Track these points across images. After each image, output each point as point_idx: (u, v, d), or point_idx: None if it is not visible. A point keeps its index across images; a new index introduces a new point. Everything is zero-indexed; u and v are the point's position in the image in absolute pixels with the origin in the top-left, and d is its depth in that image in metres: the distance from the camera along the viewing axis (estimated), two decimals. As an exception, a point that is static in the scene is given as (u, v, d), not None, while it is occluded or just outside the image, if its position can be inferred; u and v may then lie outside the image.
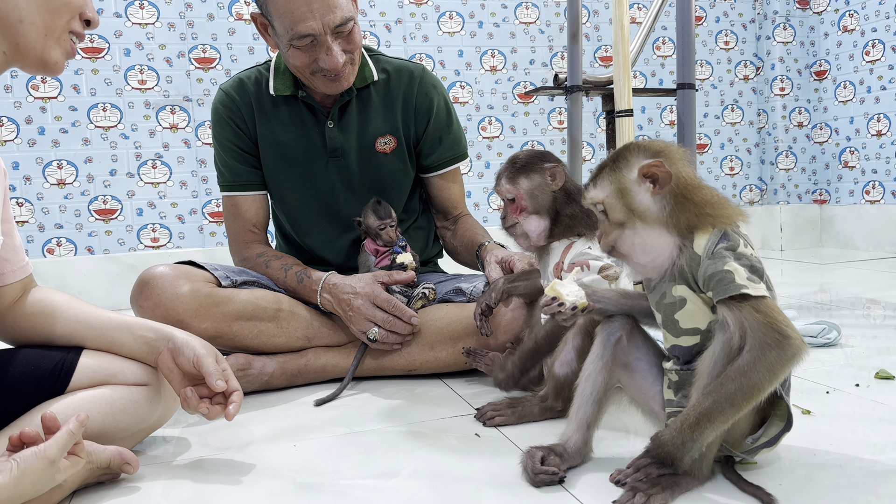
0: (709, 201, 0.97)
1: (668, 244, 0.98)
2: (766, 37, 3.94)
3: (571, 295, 1.06)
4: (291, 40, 1.51)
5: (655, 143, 1.01)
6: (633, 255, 1.00)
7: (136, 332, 1.17)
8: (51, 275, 3.02)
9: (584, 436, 1.06)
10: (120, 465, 1.07)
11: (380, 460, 1.15)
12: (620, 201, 0.99)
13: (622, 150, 1.01)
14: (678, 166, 0.97)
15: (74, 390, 1.12)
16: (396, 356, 1.61)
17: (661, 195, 0.97)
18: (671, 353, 1.03)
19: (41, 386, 1.10)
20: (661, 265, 0.99)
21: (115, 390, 1.14)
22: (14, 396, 1.08)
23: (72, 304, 1.20)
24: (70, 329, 1.17)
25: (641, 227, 0.98)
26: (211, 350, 1.17)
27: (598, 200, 1.01)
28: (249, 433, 1.32)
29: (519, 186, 1.34)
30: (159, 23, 3.14)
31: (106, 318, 1.19)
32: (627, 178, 0.98)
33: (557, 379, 1.24)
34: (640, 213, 0.98)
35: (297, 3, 1.45)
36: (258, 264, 1.71)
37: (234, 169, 1.73)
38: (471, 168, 3.56)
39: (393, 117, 1.72)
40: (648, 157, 0.98)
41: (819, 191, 3.96)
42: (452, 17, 3.51)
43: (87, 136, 3.08)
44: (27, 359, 1.12)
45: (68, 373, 1.12)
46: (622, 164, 0.99)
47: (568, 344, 1.23)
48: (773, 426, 1.00)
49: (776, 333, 0.90)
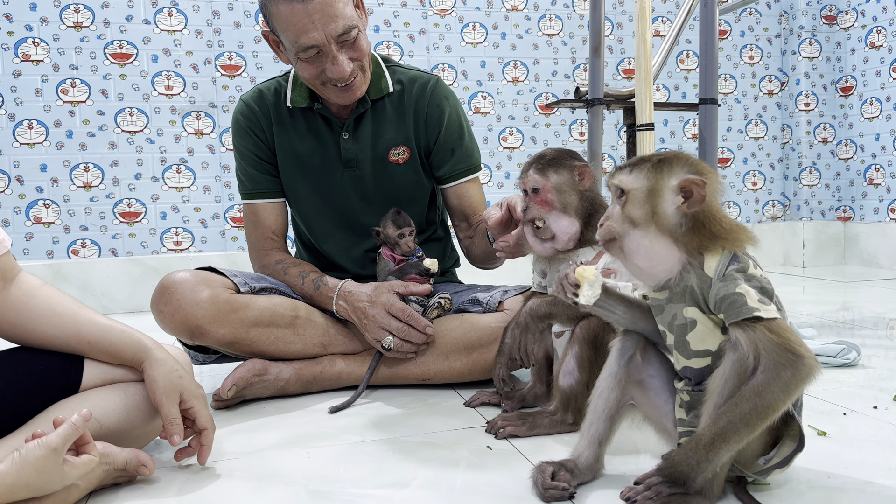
0: (724, 228, 0.97)
1: (671, 257, 0.98)
2: (791, 52, 3.91)
3: (588, 295, 1.02)
4: (297, 53, 1.52)
5: (702, 163, 1.00)
6: (634, 255, 0.99)
7: (117, 355, 1.15)
8: (74, 275, 3.07)
9: (596, 452, 1.06)
10: (136, 467, 1.09)
11: (391, 470, 1.16)
12: (647, 200, 0.98)
13: (670, 156, 1.00)
14: (712, 194, 0.98)
15: (86, 389, 1.13)
16: (411, 365, 1.62)
17: (685, 213, 0.97)
18: (682, 375, 1.03)
19: (53, 385, 1.11)
20: (658, 275, 0.99)
21: (126, 388, 1.15)
22: (27, 396, 1.09)
23: (64, 310, 1.14)
24: (63, 337, 1.13)
25: (653, 233, 0.98)
26: (175, 386, 1.12)
27: (626, 187, 0.99)
28: (264, 439, 1.34)
29: (548, 178, 1.28)
30: (187, 30, 3.19)
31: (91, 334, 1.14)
32: (665, 183, 0.98)
33: (563, 391, 1.24)
34: (658, 220, 0.97)
35: (299, 15, 1.47)
36: (276, 271, 1.73)
37: (254, 177, 1.76)
38: (491, 178, 3.57)
39: (406, 128, 1.73)
40: (692, 173, 0.98)
41: (843, 207, 3.92)
42: (476, 28, 3.52)
43: (114, 139, 3.13)
44: (35, 359, 1.12)
45: (79, 371, 1.13)
46: (666, 168, 0.98)
47: (568, 354, 1.23)
48: (785, 446, 1.00)
49: (790, 353, 0.90)
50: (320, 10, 1.47)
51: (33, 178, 3.05)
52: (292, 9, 1.47)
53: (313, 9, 1.46)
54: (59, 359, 1.13)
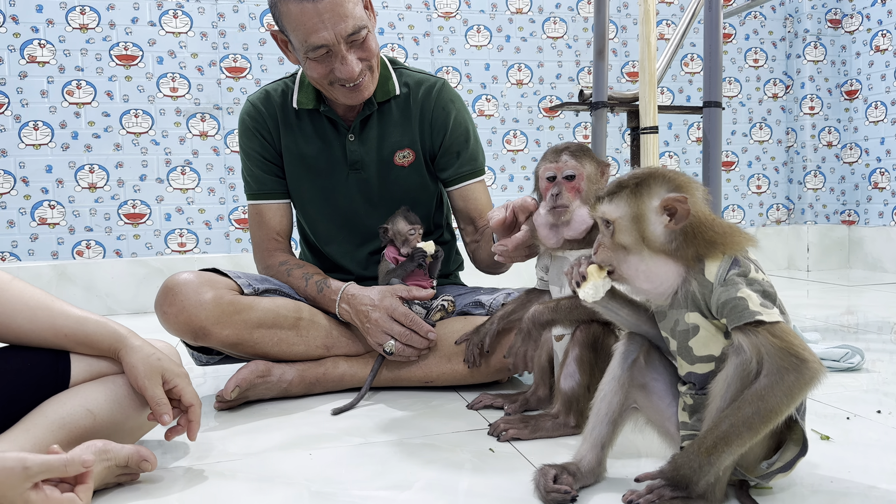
0: (718, 234, 0.97)
1: (672, 273, 0.98)
2: (796, 55, 3.90)
3: (590, 291, 1.02)
4: (306, 52, 1.53)
5: (680, 175, 1.00)
6: (635, 280, 1.00)
7: (94, 345, 1.14)
8: (79, 276, 3.08)
9: (598, 455, 1.06)
10: (138, 463, 1.08)
11: (394, 472, 1.16)
12: (633, 226, 0.98)
13: (647, 177, 1.00)
14: (697, 204, 0.98)
15: (76, 384, 1.13)
16: (414, 368, 1.62)
17: (674, 230, 0.97)
18: (686, 379, 1.03)
19: (43, 382, 1.11)
20: (664, 292, 0.99)
21: (114, 380, 1.15)
22: (18, 393, 1.08)
23: (37, 303, 1.12)
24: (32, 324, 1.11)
25: (647, 255, 0.98)
26: (155, 368, 1.12)
27: (610, 217, 1.00)
28: (267, 440, 1.34)
29: (583, 166, 1.28)
30: (192, 32, 3.20)
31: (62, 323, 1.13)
32: (647, 206, 0.98)
33: (564, 393, 1.24)
34: (648, 242, 0.98)
35: (309, 14, 1.47)
36: (280, 272, 1.73)
37: (259, 178, 1.76)
38: (494, 181, 3.57)
39: (411, 131, 1.73)
40: (672, 190, 0.98)
41: (847, 211, 3.91)
42: (480, 31, 3.53)
43: (119, 141, 3.14)
44: (22, 356, 1.11)
45: (66, 366, 1.13)
46: (644, 191, 0.99)
47: (569, 356, 1.23)
48: (788, 451, 1.00)
49: (793, 357, 0.90)
50: (330, 10, 1.47)
51: (39, 179, 3.07)
52: (302, 8, 1.47)
53: (323, 8, 1.47)
54: (45, 355, 1.13)
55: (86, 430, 1.07)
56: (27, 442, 1.00)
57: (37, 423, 1.02)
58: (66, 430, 1.05)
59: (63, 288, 3.03)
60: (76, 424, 1.07)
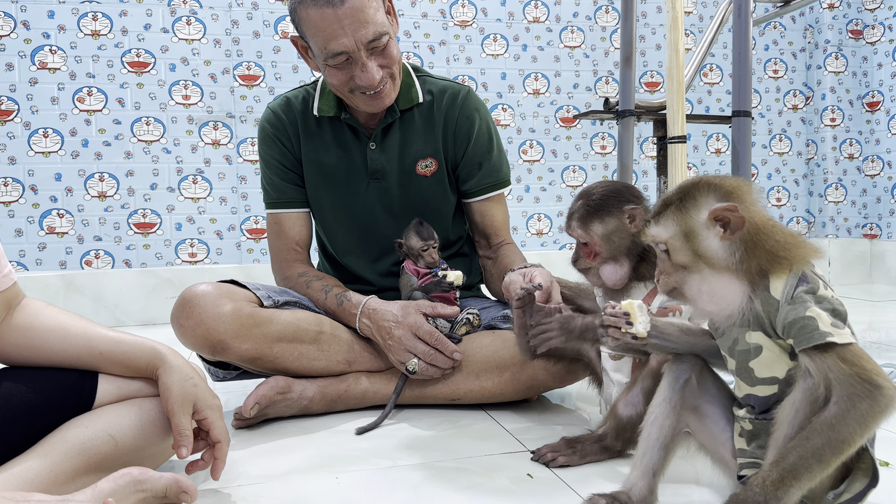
0: (781, 243, 0.90)
1: (737, 292, 0.91)
2: (816, 66, 3.84)
3: (642, 324, 0.99)
4: (326, 59, 1.48)
5: (727, 180, 0.94)
6: (698, 301, 0.94)
7: (131, 364, 1.10)
8: (87, 287, 3.02)
9: (650, 483, 0.99)
10: (177, 495, 0.99)
11: (427, 499, 1.09)
12: (686, 244, 0.92)
13: (691, 188, 0.94)
14: (751, 209, 0.91)
15: (101, 405, 1.07)
16: (440, 384, 1.55)
17: (731, 241, 0.90)
18: (745, 402, 0.96)
19: (67, 401, 1.06)
20: (730, 314, 0.93)
21: (141, 403, 1.10)
22: (39, 413, 1.03)
23: (72, 323, 1.10)
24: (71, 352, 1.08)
25: (708, 273, 0.92)
26: (189, 395, 1.07)
27: (660, 240, 0.94)
28: (289, 461, 1.27)
29: (592, 232, 1.21)
30: (205, 39, 3.15)
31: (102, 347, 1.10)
32: (695, 221, 0.92)
33: (620, 419, 1.17)
34: (707, 258, 0.91)
35: (329, 21, 1.43)
36: (299, 284, 1.67)
37: (279, 186, 1.70)
38: (510, 192, 3.51)
39: (434, 139, 1.68)
40: (720, 199, 0.91)
41: (869, 225, 3.83)
42: (497, 40, 3.48)
43: (130, 149, 3.09)
44: (48, 375, 1.07)
45: (93, 387, 1.08)
46: (690, 205, 0.93)
47: (636, 386, 1.16)
48: (857, 481, 0.92)
49: (866, 384, 0.83)
50: (350, 16, 1.43)
51: (47, 188, 3.01)
52: (322, 14, 1.43)
53: (343, 14, 1.42)
54: (72, 374, 1.08)
55: (106, 456, 1.01)
56: (43, 469, 0.93)
57: (55, 448, 0.96)
58: (84, 455, 0.99)
59: (71, 299, 2.97)
60: (97, 451, 1.00)
